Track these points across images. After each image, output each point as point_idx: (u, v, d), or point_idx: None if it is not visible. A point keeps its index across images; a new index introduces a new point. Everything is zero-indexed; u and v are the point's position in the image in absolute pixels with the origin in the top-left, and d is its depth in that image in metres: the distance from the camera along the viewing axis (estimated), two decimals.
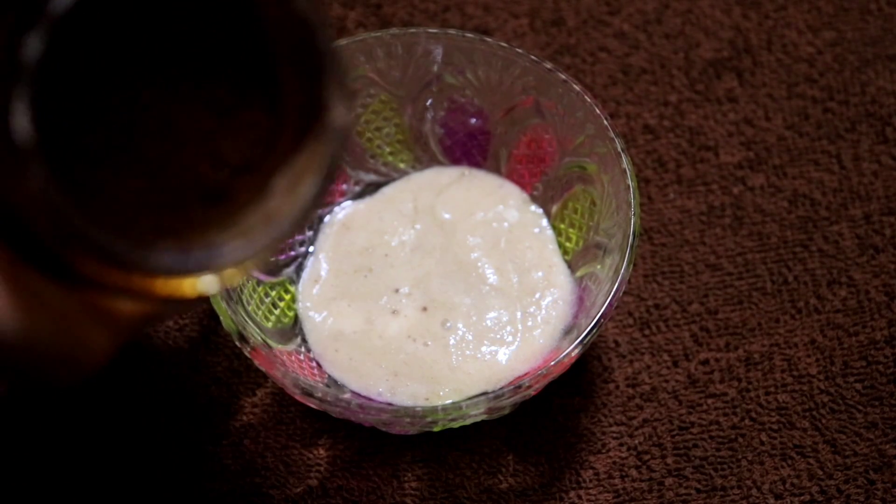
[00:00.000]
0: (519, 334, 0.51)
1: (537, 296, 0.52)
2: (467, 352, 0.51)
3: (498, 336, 0.51)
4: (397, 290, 0.53)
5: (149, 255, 0.30)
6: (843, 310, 0.56)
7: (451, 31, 0.52)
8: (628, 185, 0.48)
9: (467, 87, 0.54)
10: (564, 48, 0.62)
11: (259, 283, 0.51)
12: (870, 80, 0.62)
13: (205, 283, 0.31)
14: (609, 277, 0.48)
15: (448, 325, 0.52)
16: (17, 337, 0.29)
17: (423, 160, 0.56)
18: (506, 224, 0.54)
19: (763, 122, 0.60)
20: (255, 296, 0.51)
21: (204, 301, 0.37)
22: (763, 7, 0.64)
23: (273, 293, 0.52)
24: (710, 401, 0.54)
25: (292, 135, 0.32)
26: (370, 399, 0.50)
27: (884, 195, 0.59)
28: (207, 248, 0.31)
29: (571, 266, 0.53)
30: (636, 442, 0.53)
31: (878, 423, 0.53)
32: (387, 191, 0.56)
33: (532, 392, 0.46)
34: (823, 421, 0.53)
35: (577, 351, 0.45)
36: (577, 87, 0.50)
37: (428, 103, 0.55)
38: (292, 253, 0.54)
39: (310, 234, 0.55)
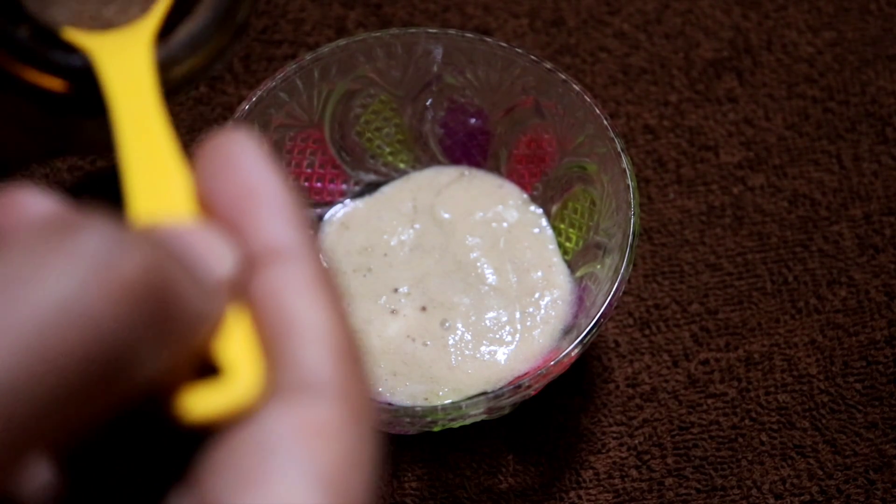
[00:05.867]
0: (518, 334, 0.51)
1: (536, 296, 0.52)
2: (466, 352, 0.51)
3: (497, 336, 0.51)
4: (396, 290, 0.53)
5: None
6: (843, 310, 0.56)
7: (451, 31, 0.52)
8: (628, 185, 0.48)
9: (467, 87, 0.54)
10: (564, 48, 0.62)
11: None
12: (870, 80, 0.62)
13: None
14: (609, 277, 0.48)
15: (447, 324, 0.52)
16: None
17: (423, 160, 0.56)
18: (505, 224, 0.54)
19: (763, 122, 0.60)
20: None
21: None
22: (763, 7, 0.64)
23: None
24: (710, 401, 0.54)
25: None
26: None
27: (884, 195, 0.59)
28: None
29: (571, 266, 0.53)
30: (636, 442, 0.53)
31: (878, 423, 0.53)
32: (386, 190, 0.56)
33: (532, 392, 0.46)
34: (823, 421, 0.53)
35: (576, 351, 0.45)
36: (577, 87, 0.50)
37: (428, 103, 0.55)
38: None
39: (309, 233, 0.55)
